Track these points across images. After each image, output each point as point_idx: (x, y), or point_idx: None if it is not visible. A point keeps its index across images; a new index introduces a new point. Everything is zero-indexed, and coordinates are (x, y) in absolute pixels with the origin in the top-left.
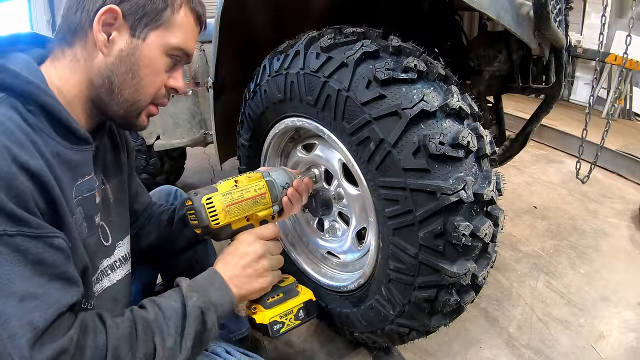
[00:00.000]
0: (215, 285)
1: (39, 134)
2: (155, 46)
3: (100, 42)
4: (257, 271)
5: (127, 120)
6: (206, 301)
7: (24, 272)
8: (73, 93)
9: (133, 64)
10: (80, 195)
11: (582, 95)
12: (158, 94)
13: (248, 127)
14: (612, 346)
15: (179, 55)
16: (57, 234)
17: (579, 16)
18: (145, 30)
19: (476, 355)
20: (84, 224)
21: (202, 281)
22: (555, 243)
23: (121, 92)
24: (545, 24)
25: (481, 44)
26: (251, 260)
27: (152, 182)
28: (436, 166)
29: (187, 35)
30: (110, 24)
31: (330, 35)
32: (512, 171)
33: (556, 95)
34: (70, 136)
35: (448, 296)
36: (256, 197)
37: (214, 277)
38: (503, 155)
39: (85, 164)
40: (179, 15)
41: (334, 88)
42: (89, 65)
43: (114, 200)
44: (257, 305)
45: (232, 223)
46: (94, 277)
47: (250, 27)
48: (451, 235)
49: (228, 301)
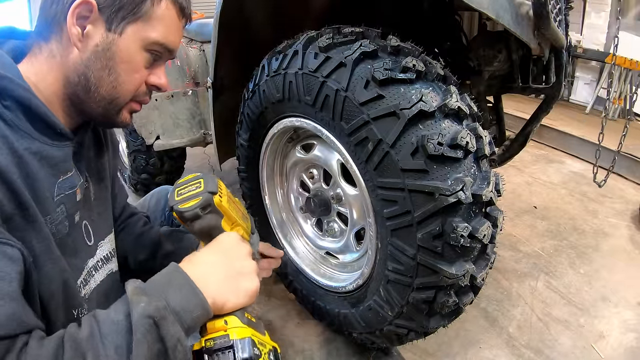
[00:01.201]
0: (175, 285)
1: (14, 130)
2: (132, 41)
3: (75, 36)
4: (246, 268)
5: (107, 118)
6: (160, 307)
7: None
8: (50, 90)
9: (109, 59)
10: (63, 192)
11: (582, 95)
12: (138, 91)
13: (247, 127)
14: (612, 346)
15: (160, 51)
16: (11, 242)
17: (579, 16)
18: (122, 23)
19: (476, 355)
20: (65, 222)
21: (157, 280)
22: (555, 243)
23: (98, 90)
24: (545, 24)
25: (481, 44)
26: (236, 254)
27: (152, 182)
28: (434, 167)
29: (169, 30)
30: (85, 17)
31: (329, 35)
32: (512, 171)
33: (556, 95)
34: (49, 131)
35: (446, 297)
36: (245, 214)
37: (173, 273)
38: (503, 156)
39: (65, 160)
40: (159, 8)
41: (333, 88)
42: (64, 62)
43: (95, 199)
44: (231, 317)
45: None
46: (80, 279)
47: (249, 27)
48: (449, 236)
49: (197, 305)
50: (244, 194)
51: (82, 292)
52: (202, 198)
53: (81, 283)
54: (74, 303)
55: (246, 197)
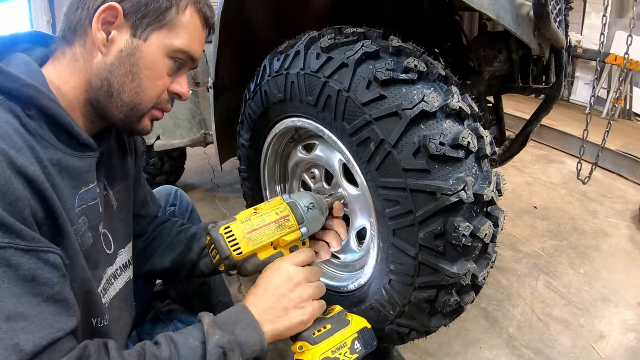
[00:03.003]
0: (243, 323)
1: (38, 140)
2: (157, 47)
3: (99, 41)
4: (293, 301)
5: (128, 124)
6: (231, 341)
7: (13, 290)
8: (72, 94)
9: (133, 65)
10: (84, 204)
11: (582, 95)
12: (160, 98)
13: (248, 127)
14: (612, 346)
15: (183, 59)
16: (52, 249)
17: (579, 16)
18: (147, 30)
19: (476, 355)
20: (88, 233)
21: (227, 317)
22: (555, 243)
23: (120, 95)
24: (545, 24)
25: (481, 44)
26: (286, 289)
27: (152, 182)
28: (436, 167)
29: (193, 38)
30: (110, 23)
31: (331, 36)
32: (512, 171)
33: (556, 95)
34: (72, 142)
35: (448, 296)
36: (279, 220)
37: (241, 313)
38: (503, 156)
39: (88, 171)
40: (184, 16)
41: (334, 88)
42: (87, 66)
43: (117, 207)
44: (303, 342)
45: (257, 252)
46: (100, 288)
47: (250, 27)
48: (451, 235)
49: (257, 341)
50: (245, 194)
51: (102, 301)
52: (224, 265)
53: (100, 292)
54: (94, 312)
55: (247, 197)
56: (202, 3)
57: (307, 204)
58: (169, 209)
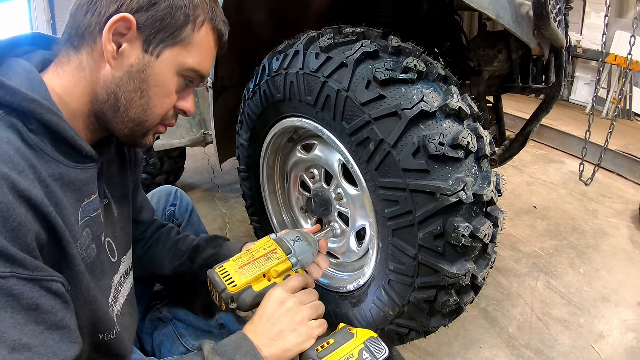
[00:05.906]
0: (243, 350)
1: (39, 155)
2: (168, 65)
3: (109, 52)
4: (290, 325)
5: (131, 139)
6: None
7: (17, 319)
8: (75, 105)
9: (143, 82)
10: (88, 216)
11: (582, 95)
12: (167, 115)
13: (248, 127)
14: (612, 346)
15: (193, 77)
16: (55, 278)
17: (579, 16)
18: (161, 46)
19: (476, 356)
20: (92, 245)
21: (228, 345)
22: (555, 243)
23: (127, 111)
24: (545, 24)
25: (481, 44)
26: (279, 314)
27: (152, 182)
28: (436, 167)
29: (204, 57)
30: (123, 34)
31: (330, 36)
32: (512, 171)
33: (556, 95)
34: (74, 153)
35: (447, 297)
36: (267, 254)
37: (242, 341)
38: (503, 156)
39: (90, 182)
40: (199, 34)
41: (334, 88)
42: (94, 77)
43: (118, 215)
44: None
45: (252, 285)
46: (110, 297)
47: (249, 27)
48: (451, 236)
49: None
50: (244, 194)
51: (115, 311)
52: (223, 300)
53: (112, 301)
54: (103, 329)
55: (246, 197)
56: (218, 20)
57: (293, 237)
58: (169, 209)
